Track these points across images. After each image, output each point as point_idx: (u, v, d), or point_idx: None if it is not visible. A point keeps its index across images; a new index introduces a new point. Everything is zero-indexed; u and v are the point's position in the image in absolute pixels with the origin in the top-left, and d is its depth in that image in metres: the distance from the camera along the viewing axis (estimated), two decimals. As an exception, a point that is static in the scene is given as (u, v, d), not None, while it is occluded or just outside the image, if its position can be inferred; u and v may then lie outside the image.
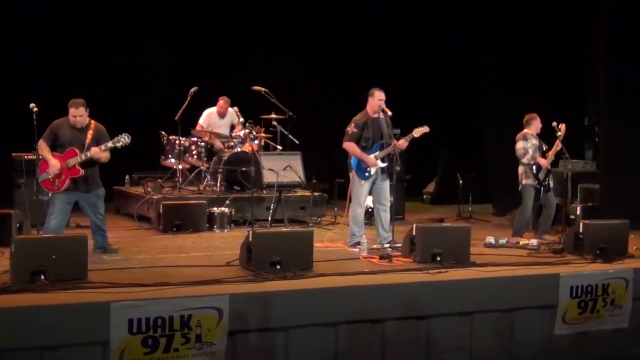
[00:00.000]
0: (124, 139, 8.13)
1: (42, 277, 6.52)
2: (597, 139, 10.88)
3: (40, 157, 8.08)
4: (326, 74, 13.91)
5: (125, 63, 12.93)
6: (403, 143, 9.00)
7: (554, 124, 9.94)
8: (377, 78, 10.34)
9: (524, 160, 9.83)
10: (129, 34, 13.01)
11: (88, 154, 8.02)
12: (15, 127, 8.90)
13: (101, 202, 8.39)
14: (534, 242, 9.19)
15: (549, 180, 9.99)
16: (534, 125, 9.98)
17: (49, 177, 8.02)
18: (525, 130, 9.97)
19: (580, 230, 8.65)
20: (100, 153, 8.06)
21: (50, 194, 8.15)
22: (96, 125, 8.22)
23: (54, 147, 8.08)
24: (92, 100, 8.24)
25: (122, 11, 12.91)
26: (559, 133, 9.91)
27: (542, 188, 9.91)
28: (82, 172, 8.07)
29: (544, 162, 9.86)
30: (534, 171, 9.83)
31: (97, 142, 8.12)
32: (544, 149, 9.96)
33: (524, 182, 9.90)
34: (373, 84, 9.19)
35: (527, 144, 9.85)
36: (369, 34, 14.18)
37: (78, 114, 8.04)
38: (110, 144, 8.11)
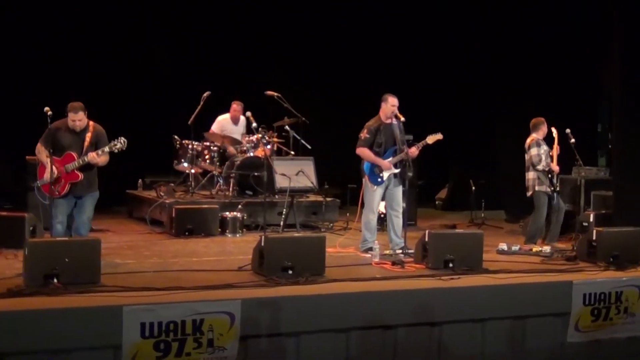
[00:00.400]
0: (120, 144, 7.98)
1: (55, 280, 6.54)
2: (610, 146, 10.81)
3: (38, 161, 8.00)
4: (339, 79, 13.91)
5: (139, 67, 12.97)
6: (414, 151, 9.00)
7: (568, 130, 9.91)
8: (389, 83, 10.37)
9: (539, 167, 9.75)
10: (142, 38, 13.06)
11: (85, 158, 7.92)
12: (29, 130, 8.91)
13: (92, 204, 8.20)
14: (547, 249, 9.15)
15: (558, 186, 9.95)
16: (542, 130, 9.90)
17: (47, 182, 7.88)
18: (534, 136, 9.88)
19: (594, 237, 8.60)
20: (97, 158, 7.94)
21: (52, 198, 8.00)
22: (95, 127, 8.09)
23: (53, 150, 7.91)
24: (105, 105, 8.30)
25: (136, 16, 12.96)
26: (572, 140, 9.87)
27: (554, 194, 9.87)
28: (81, 176, 7.99)
29: (556, 168, 9.83)
30: (550, 177, 9.78)
31: (95, 145, 8.02)
32: (551, 154, 9.90)
33: (537, 188, 9.83)
34: (385, 89, 9.20)
35: (540, 150, 9.79)
36: (382, 40, 14.17)
37: (77, 118, 7.93)
38: (106, 149, 7.99)
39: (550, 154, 9.88)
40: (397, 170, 9.00)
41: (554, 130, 9.96)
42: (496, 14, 13.24)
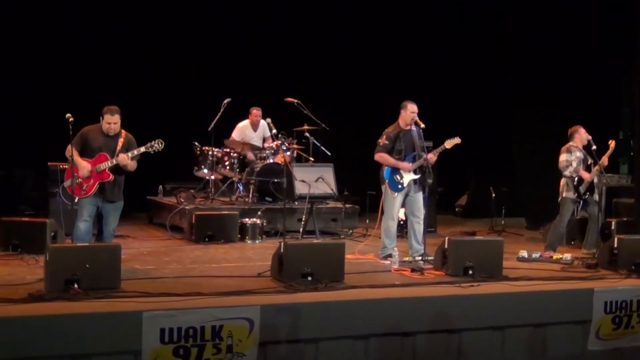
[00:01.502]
0: (157, 145, 8.17)
1: (76, 285, 6.57)
2: (632, 153, 10.73)
3: (69, 160, 8.02)
4: (359, 86, 13.93)
5: (160, 75, 13.06)
6: (432, 157, 8.98)
7: (589, 137, 9.85)
8: (408, 90, 10.37)
9: (566, 173, 9.75)
10: (163, 46, 13.14)
11: (117, 158, 8.03)
12: (51, 137, 8.99)
13: (118, 215, 8.30)
14: (567, 256, 9.10)
15: (589, 194, 9.86)
16: (577, 138, 9.88)
17: (78, 181, 7.97)
18: (570, 143, 9.87)
19: (615, 245, 8.55)
20: (127, 159, 8.03)
21: (77, 199, 8.06)
22: (127, 134, 8.22)
23: (83, 153, 8.06)
24: (126, 111, 8.29)
25: (157, 24, 13.04)
26: (593, 147, 9.80)
27: (580, 202, 9.82)
28: (112, 177, 8.08)
29: (587, 176, 9.75)
30: (575, 184, 9.74)
31: (127, 150, 8.13)
32: (589, 162, 9.85)
33: (564, 194, 9.81)
34: (405, 95, 9.20)
35: (570, 157, 9.78)
36: (403, 47, 14.18)
37: (113, 120, 8.05)
38: (143, 149, 8.13)
39: (590, 162, 9.83)
40: (417, 176, 8.98)
41: (611, 142, 10.01)
42: (516, 21, 13.20)
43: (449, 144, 9.07)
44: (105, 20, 12.73)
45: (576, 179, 9.75)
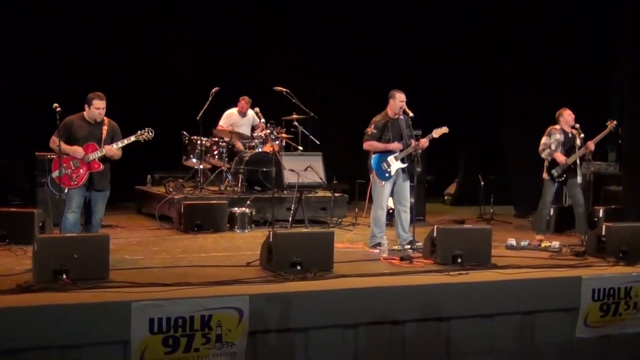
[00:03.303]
0: (147, 134, 8.20)
1: (64, 276, 6.57)
2: (620, 141, 10.78)
3: (55, 152, 7.97)
4: (347, 74, 13.90)
5: (147, 63, 12.99)
6: (425, 142, 8.98)
7: (577, 125, 9.86)
8: (397, 78, 10.36)
9: (543, 155, 9.87)
10: (150, 34, 13.08)
11: (104, 149, 8.03)
12: (38, 127, 8.95)
13: (104, 204, 8.28)
14: (556, 244, 9.13)
15: (567, 177, 9.90)
16: (562, 121, 9.95)
17: (67, 172, 7.96)
18: (553, 126, 9.95)
19: (603, 232, 8.59)
20: (113, 150, 8.05)
21: (66, 190, 8.03)
22: (110, 121, 8.20)
23: (68, 143, 8.01)
24: (113, 100, 8.28)
25: (144, 11, 12.97)
26: (581, 135, 9.81)
27: (556, 184, 9.92)
28: (102, 167, 8.08)
29: (562, 159, 9.79)
30: (547, 166, 9.87)
31: (111, 138, 8.12)
32: (576, 144, 9.88)
33: (544, 175, 9.96)
34: (393, 84, 9.19)
35: (549, 140, 9.87)
36: (389, 34, 14.15)
37: (102, 106, 8.02)
38: (133, 138, 8.15)
39: (578, 144, 9.85)
40: (404, 165, 8.99)
41: (610, 123, 10.10)
42: (506, 9, 13.19)
43: (436, 133, 9.08)
44: (92, 9, 12.64)
45: (549, 161, 9.84)
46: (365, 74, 13.78)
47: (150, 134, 8.20)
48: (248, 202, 10.76)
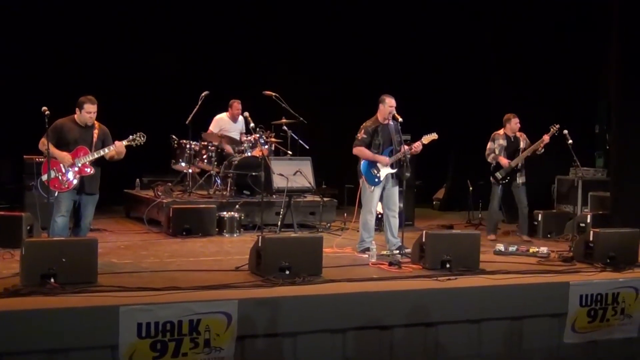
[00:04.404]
0: (140, 138, 8.18)
1: (52, 280, 6.54)
2: (608, 147, 10.84)
3: (45, 155, 7.92)
4: (336, 79, 13.93)
5: (136, 67, 12.98)
6: (418, 145, 8.98)
7: (566, 131, 9.91)
8: (387, 83, 10.38)
9: (488, 159, 10.53)
10: (139, 37, 13.07)
11: (101, 151, 7.99)
12: (26, 130, 8.91)
13: (93, 207, 8.26)
14: (544, 250, 9.15)
15: (511, 180, 10.44)
16: (508, 127, 10.54)
17: (57, 175, 7.93)
18: (496, 132, 10.57)
19: (591, 238, 8.61)
20: (122, 146, 8.06)
21: (56, 194, 7.98)
22: (100, 125, 8.18)
23: (58, 146, 7.98)
24: (103, 104, 8.26)
25: (133, 15, 12.97)
26: (569, 141, 9.87)
27: (502, 186, 10.49)
28: (92, 170, 8.05)
29: (505, 162, 10.39)
30: (491, 169, 10.48)
31: (102, 141, 8.10)
32: (520, 147, 10.47)
33: (492, 179, 10.56)
34: (383, 89, 9.21)
35: (493, 145, 10.55)
36: (379, 40, 14.19)
37: (93, 110, 8.00)
38: (125, 142, 8.12)
39: (522, 148, 10.44)
40: (394, 170, 9.01)
41: (553, 128, 10.29)
42: (495, 15, 13.24)
43: (426, 139, 9.10)
44: (82, 12, 12.63)
45: (494, 165, 10.46)
46: (355, 79, 13.81)
47: (143, 138, 8.18)
48: (237, 206, 10.76)
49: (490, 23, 13.44)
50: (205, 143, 11.70)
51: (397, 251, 8.80)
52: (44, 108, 7.76)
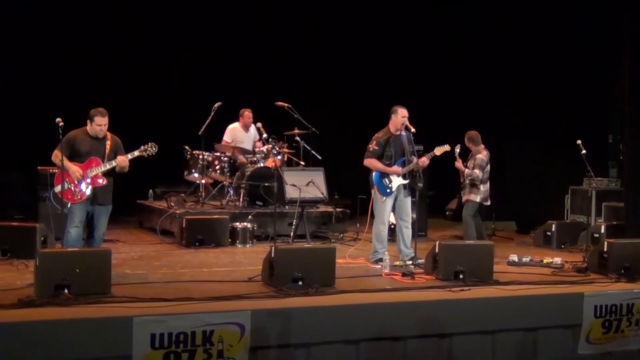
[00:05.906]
0: (151, 149, 8.20)
1: (66, 290, 6.56)
2: (621, 157, 10.78)
3: (57, 166, 7.96)
4: (349, 90, 13.94)
5: (150, 78, 13.04)
6: (425, 161, 9.01)
7: (579, 142, 9.86)
8: (399, 95, 10.37)
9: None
10: (153, 49, 13.14)
11: (113, 162, 8.00)
12: (40, 141, 8.96)
13: (107, 218, 8.27)
14: (557, 260, 9.12)
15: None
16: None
17: (70, 186, 7.95)
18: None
19: (605, 249, 8.57)
20: (126, 161, 8.05)
21: (69, 205, 8.00)
22: (112, 136, 8.20)
23: (71, 158, 8.00)
24: (116, 115, 8.29)
25: (148, 27, 13.03)
26: (583, 151, 9.82)
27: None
28: (104, 181, 8.07)
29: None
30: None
31: (115, 153, 8.11)
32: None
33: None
34: (395, 100, 9.20)
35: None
36: (392, 52, 14.20)
37: (104, 122, 8.02)
38: (137, 153, 8.14)
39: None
40: (406, 181, 9.00)
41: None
42: (506, 26, 13.24)
43: (438, 151, 9.11)
44: (95, 23, 12.71)
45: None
46: (367, 90, 13.81)
47: (154, 148, 8.21)
48: (250, 217, 10.77)
49: (502, 34, 13.42)
50: (218, 154, 11.72)
51: (410, 262, 8.78)
52: (59, 119, 7.78)
